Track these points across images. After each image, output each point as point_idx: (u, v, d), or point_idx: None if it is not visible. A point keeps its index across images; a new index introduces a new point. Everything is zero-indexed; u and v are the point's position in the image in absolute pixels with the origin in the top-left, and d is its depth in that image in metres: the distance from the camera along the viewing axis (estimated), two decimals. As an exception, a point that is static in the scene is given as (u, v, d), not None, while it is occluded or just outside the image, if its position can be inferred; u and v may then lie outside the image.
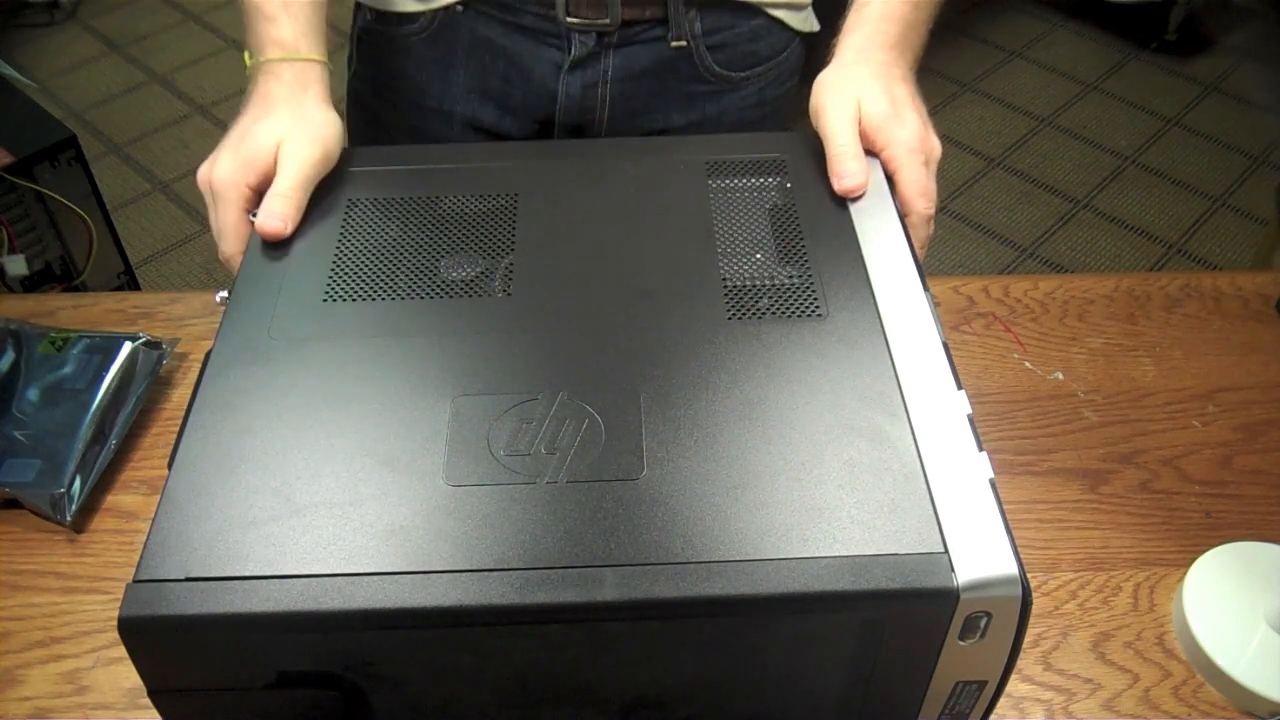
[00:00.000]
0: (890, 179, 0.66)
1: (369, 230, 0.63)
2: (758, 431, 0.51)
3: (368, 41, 0.92)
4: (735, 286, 0.59)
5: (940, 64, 2.57)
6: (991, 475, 0.49)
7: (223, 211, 0.66)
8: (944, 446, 0.50)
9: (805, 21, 0.94)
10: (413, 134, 0.94)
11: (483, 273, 0.60)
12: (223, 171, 0.66)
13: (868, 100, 0.68)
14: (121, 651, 0.47)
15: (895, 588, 0.45)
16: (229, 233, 0.65)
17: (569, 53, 0.87)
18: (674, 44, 0.87)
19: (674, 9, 0.85)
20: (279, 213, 0.63)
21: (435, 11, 0.87)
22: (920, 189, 0.66)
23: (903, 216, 0.64)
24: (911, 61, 0.74)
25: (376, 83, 0.94)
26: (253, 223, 0.64)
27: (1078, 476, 0.73)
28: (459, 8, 0.86)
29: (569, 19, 0.85)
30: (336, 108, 0.71)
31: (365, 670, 0.47)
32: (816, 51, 0.76)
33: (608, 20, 0.85)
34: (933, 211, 0.67)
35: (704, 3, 0.86)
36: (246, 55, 0.73)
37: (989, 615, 0.46)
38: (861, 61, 0.71)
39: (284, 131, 0.66)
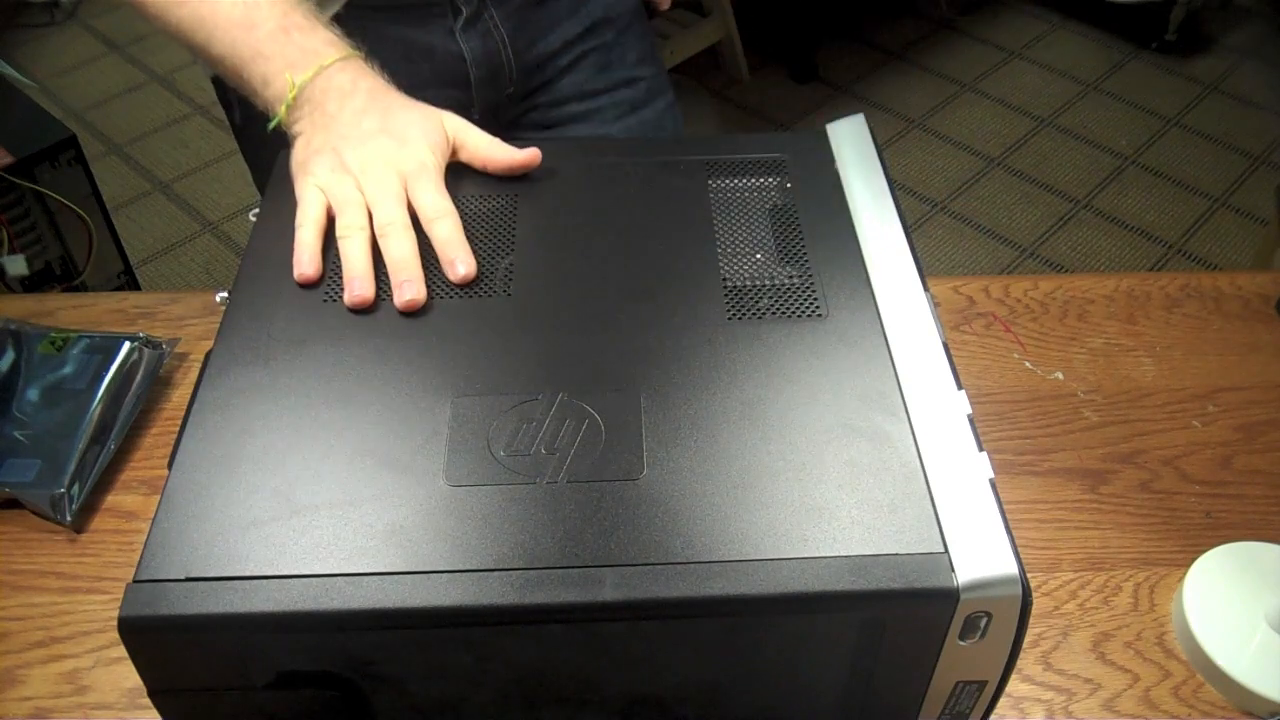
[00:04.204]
0: None
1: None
2: (758, 431, 0.51)
3: None
4: (735, 286, 0.59)
5: (940, 64, 2.57)
6: (991, 475, 0.49)
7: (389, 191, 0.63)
8: (944, 446, 0.50)
9: None
10: None
11: (483, 273, 0.60)
12: (417, 153, 0.65)
13: None
14: (121, 651, 0.47)
15: (895, 588, 0.45)
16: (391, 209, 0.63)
17: (458, 16, 0.89)
18: None
19: None
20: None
21: None
22: None
23: None
24: None
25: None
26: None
27: (1078, 476, 0.73)
28: (341, 12, 0.84)
29: None
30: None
31: (365, 670, 0.47)
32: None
33: None
34: None
35: None
36: (288, 76, 0.68)
37: (989, 615, 0.46)
38: None
39: (432, 112, 0.68)
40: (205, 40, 0.72)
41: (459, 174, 0.67)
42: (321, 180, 0.64)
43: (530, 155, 0.66)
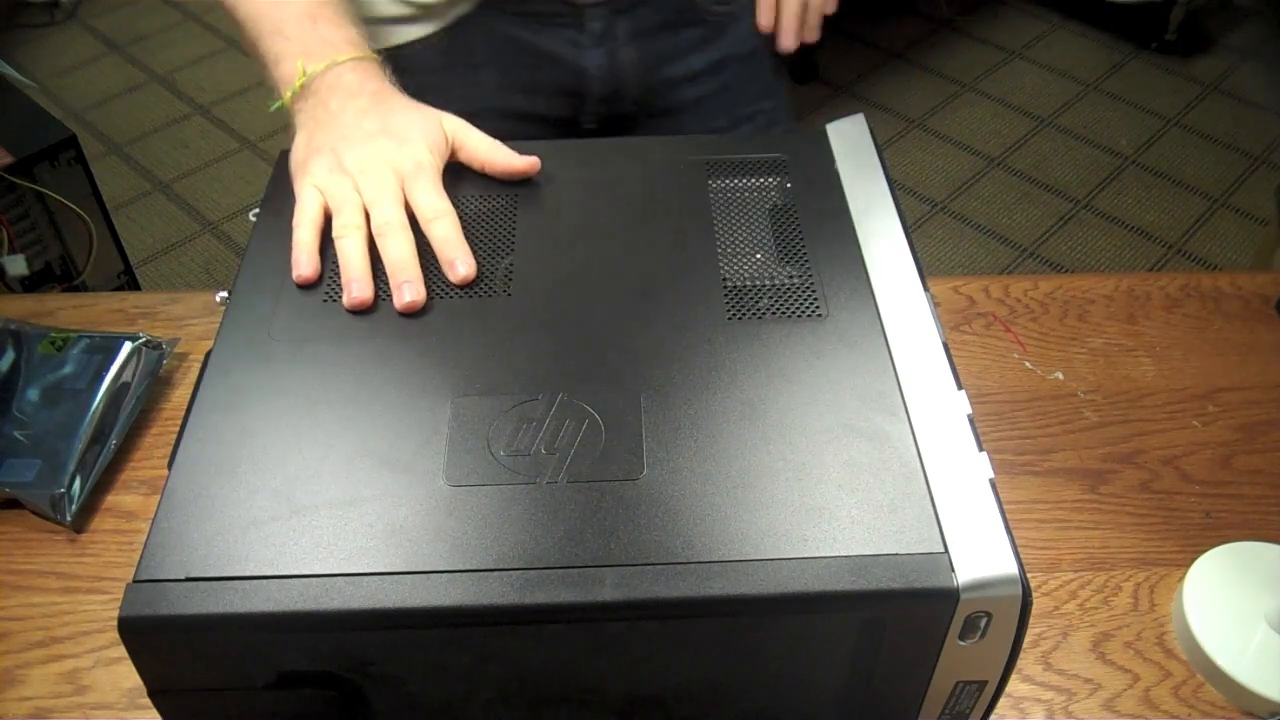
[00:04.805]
0: None
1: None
2: (758, 431, 0.51)
3: None
4: (735, 286, 0.59)
5: (940, 64, 2.57)
6: (991, 475, 0.49)
7: (388, 194, 0.63)
8: (944, 446, 0.50)
9: None
10: None
11: (483, 273, 0.60)
12: (415, 151, 0.64)
13: None
14: (121, 651, 0.47)
15: (895, 588, 0.45)
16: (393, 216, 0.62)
17: (584, 29, 0.89)
18: None
19: None
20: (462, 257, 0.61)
21: (450, 24, 0.87)
22: None
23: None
24: None
25: None
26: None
27: (1078, 476, 0.73)
28: (471, 12, 0.87)
29: None
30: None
31: (365, 670, 0.47)
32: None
33: None
34: None
35: None
36: (301, 64, 0.68)
37: (989, 615, 0.46)
38: None
39: (431, 113, 0.67)
40: (234, 1, 0.72)
41: (459, 174, 0.67)
42: (319, 180, 0.64)
43: (530, 163, 0.66)
